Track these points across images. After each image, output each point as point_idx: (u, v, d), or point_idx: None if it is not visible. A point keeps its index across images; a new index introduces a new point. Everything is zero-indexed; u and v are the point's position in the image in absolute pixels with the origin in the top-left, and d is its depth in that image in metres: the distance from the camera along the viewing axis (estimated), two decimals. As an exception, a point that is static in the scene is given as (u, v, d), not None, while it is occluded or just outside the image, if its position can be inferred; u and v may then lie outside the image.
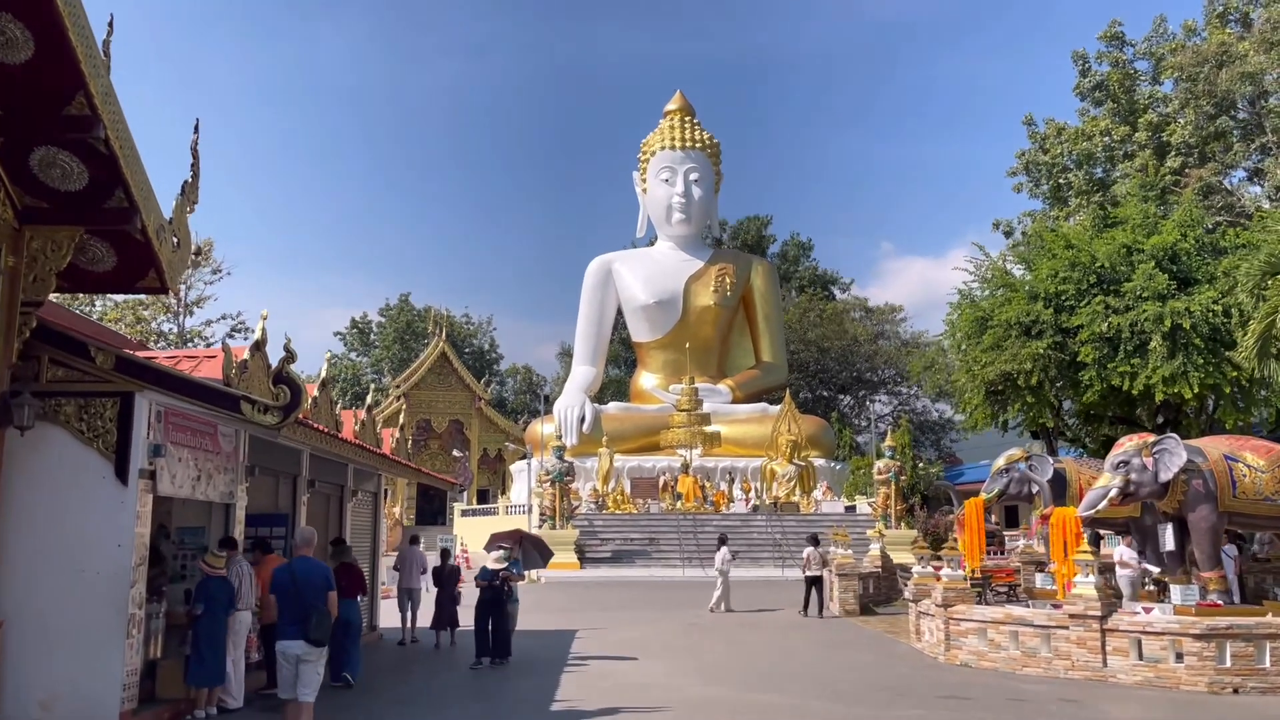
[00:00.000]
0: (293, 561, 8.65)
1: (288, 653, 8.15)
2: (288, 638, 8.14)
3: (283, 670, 8.25)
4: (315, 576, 8.35)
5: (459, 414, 59.77)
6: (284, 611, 8.20)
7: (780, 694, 11.92)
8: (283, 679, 8.28)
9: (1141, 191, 24.95)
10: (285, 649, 8.17)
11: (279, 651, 8.27)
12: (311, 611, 8.05)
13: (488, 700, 11.77)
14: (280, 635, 8.23)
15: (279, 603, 8.25)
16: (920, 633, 16.43)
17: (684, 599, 25.29)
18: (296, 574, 8.30)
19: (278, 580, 8.44)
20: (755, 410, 46.35)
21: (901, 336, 63.29)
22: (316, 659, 8.22)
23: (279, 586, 8.33)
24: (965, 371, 24.43)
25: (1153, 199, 24.79)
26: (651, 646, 16.70)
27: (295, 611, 8.11)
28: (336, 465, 15.82)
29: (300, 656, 8.11)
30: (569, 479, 34.30)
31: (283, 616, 8.23)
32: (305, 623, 8.02)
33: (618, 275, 51.88)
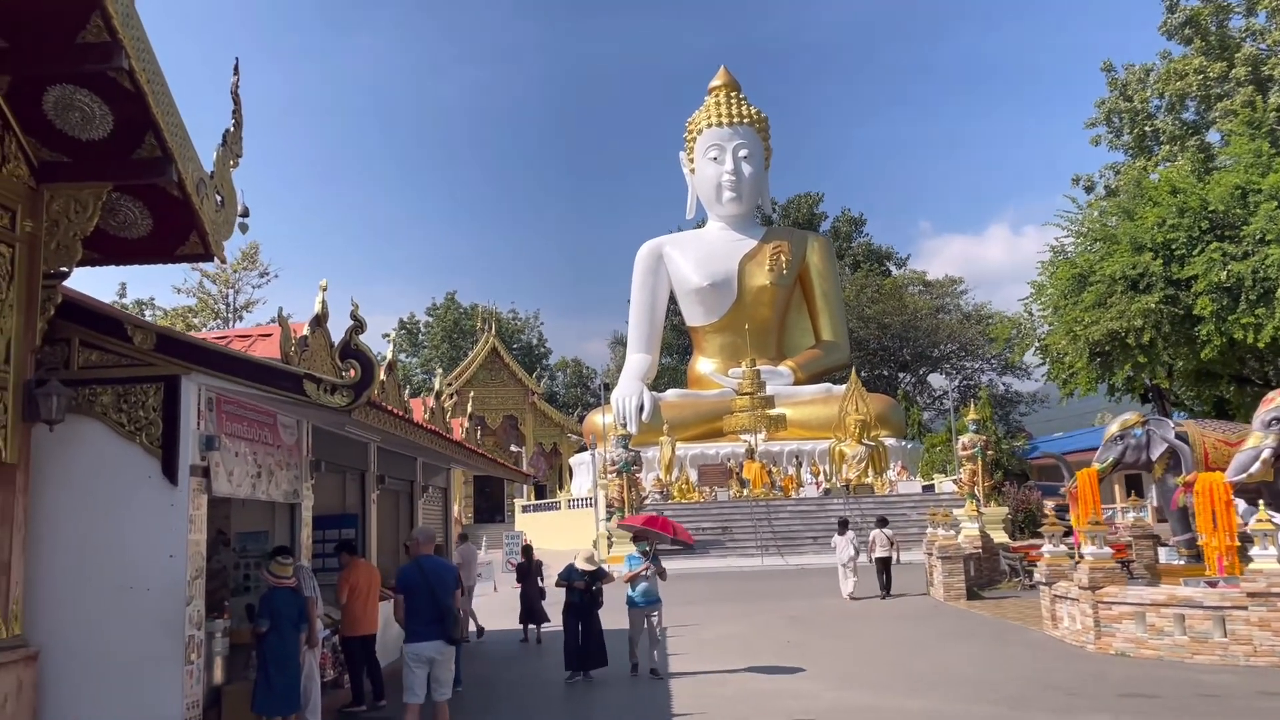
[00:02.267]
0: (419, 560, 8.18)
1: (421, 654, 7.88)
2: (423, 639, 7.86)
3: (412, 673, 7.92)
4: (446, 574, 8.12)
5: (512, 409, 58.60)
6: (417, 612, 7.88)
7: (933, 698, 10.33)
8: (412, 681, 7.93)
9: (1247, 130, 22.85)
10: (419, 651, 7.88)
11: (409, 654, 7.92)
12: (446, 611, 7.84)
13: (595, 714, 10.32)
14: (413, 637, 7.90)
15: (409, 603, 7.90)
16: (1057, 619, 14.72)
17: (769, 590, 23.72)
18: (427, 572, 7.97)
19: (408, 580, 8.01)
20: (820, 391, 44.54)
21: (963, 309, 60.99)
22: (449, 658, 8.02)
23: (409, 586, 7.94)
24: (1065, 333, 22.50)
25: (1262, 136, 22.68)
26: (757, 644, 15.16)
27: (430, 611, 7.84)
28: (405, 460, 14.49)
29: (434, 658, 7.90)
30: (636, 468, 32.84)
31: (415, 617, 7.90)
32: (442, 622, 7.81)
33: (669, 259, 50.25)
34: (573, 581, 12.65)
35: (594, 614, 12.66)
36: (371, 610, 11.12)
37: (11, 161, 7.33)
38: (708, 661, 13.49)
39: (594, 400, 66.63)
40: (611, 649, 12.92)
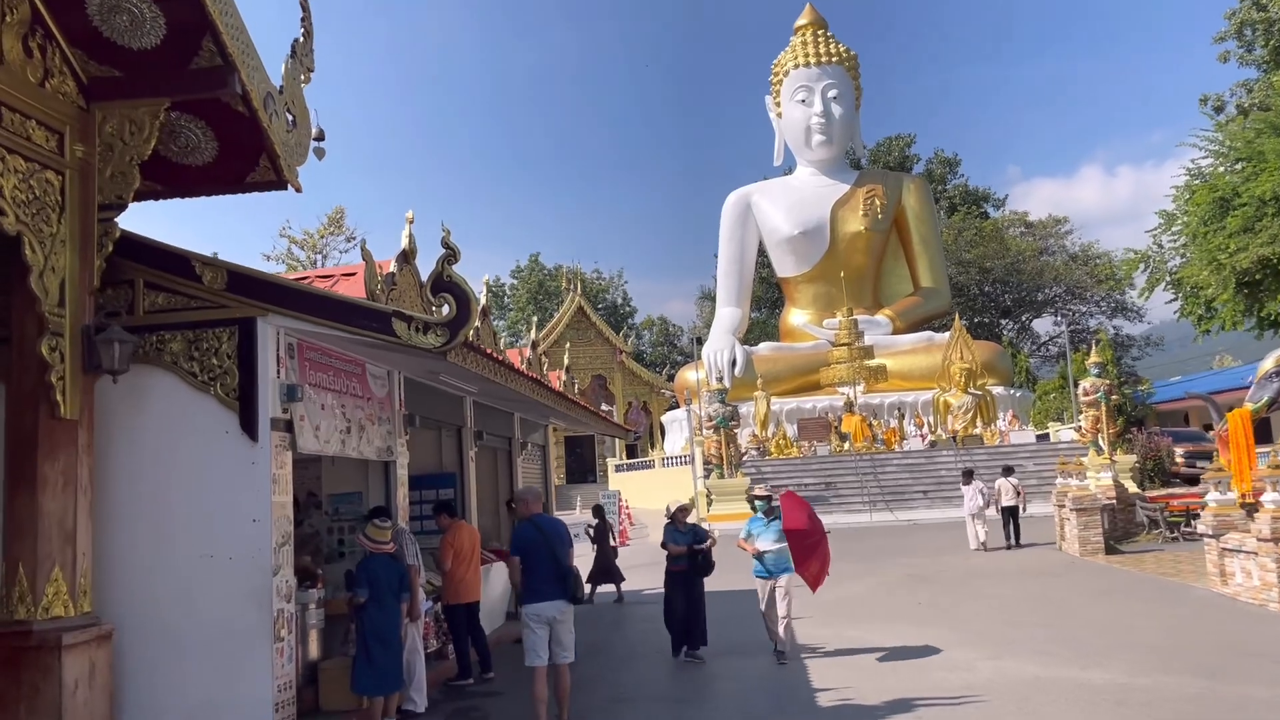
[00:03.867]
0: (535, 518, 7.74)
1: (543, 615, 7.48)
2: (545, 598, 7.47)
3: (534, 635, 7.51)
4: (564, 532, 7.78)
5: (600, 369, 57.83)
6: (535, 570, 7.51)
7: (1112, 669, 9.00)
8: (534, 643, 7.51)
9: None
10: (540, 611, 7.47)
11: (530, 614, 7.50)
12: (566, 570, 7.54)
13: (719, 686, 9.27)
14: (534, 597, 7.49)
15: (527, 563, 7.52)
16: (1227, 575, 13.15)
17: (883, 546, 22.41)
18: (545, 530, 7.59)
19: (525, 538, 7.60)
20: (920, 340, 42.59)
21: (1068, 250, 57.92)
22: (570, 618, 7.65)
23: (527, 545, 7.55)
24: (1207, 263, 20.45)
25: None
26: (884, 606, 13.95)
27: (551, 570, 7.48)
28: (502, 415, 13.58)
29: (556, 618, 7.53)
30: (734, 424, 31.65)
31: (535, 575, 7.51)
32: (564, 581, 7.50)
33: (757, 208, 48.53)
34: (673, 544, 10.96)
35: (697, 582, 10.95)
36: (475, 575, 10.24)
37: (56, 76, 6.44)
38: (835, 626, 12.34)
39: (682, 358, 65.57)
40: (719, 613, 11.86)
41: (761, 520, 10.66)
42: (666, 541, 11.01)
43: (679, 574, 10.92)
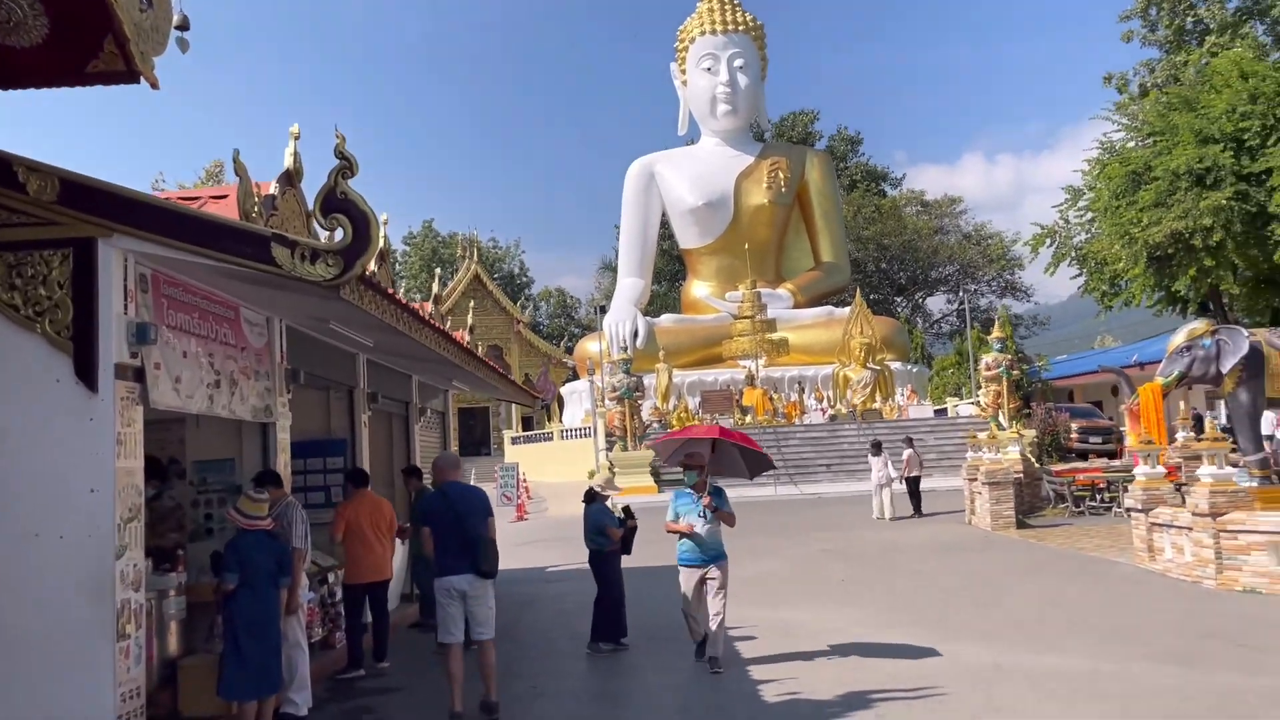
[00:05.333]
0: (444, 487, 7.32)
1: (452, 588, 7.09)
2: (453, 572, 7.08)
3: (444, 610, 7.13)
4: (476, 501, 7.32)
5: (497, 339, 56.12)
6: (442, 542, 7.11)
7: (1074, 654, 8.35)
8: (445, 618, 7.13)
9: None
10: (449, 584, 7.09)
11: (439, 588, 7.14)
12: (478, 540, 7.08)
13: (649, 676, 8.29)
14: (442, 570, 7.11)
15: (435, 534, 7.14)
16: (1156, 550, 12.83)
17: (793, 520, 21.85)
18: (452, 499, 7.20)
19: (431, 509, 7.26)
20: (821, 314, 42.43)
21: (963, 230, 58.84)
22: (485, 593, 7.20)
23: (433, 516, 7.18)
24: (1119, 236, 20.36)
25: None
26: (807, 584, 13.23)
27: (458, 541, 7.07)
28: (399, 377, 12.26)
29: (466, 591, 7.09)
30: (639, 395, 30.77)
31: (441, 547, 7.12)
32: (473, 552, 7.05)
33: (661, 177, 47.50)
34: (613, 528, 9.61)
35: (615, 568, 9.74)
36: (376, 553, 9.03)
37: None
38: (764, 606, 11.50)
39: (580, 330, 64.36)
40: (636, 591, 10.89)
41: (690, 496, 8.77)
42: (605, 525, 9.62)
43: (612, 555, 9.78)
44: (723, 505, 8.66)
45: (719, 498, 8.67)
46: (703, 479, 8.77)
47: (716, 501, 8.62)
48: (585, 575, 14.84)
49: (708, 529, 8.60)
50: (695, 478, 8.81)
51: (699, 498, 8.62)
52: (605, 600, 9.59)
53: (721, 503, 8.66)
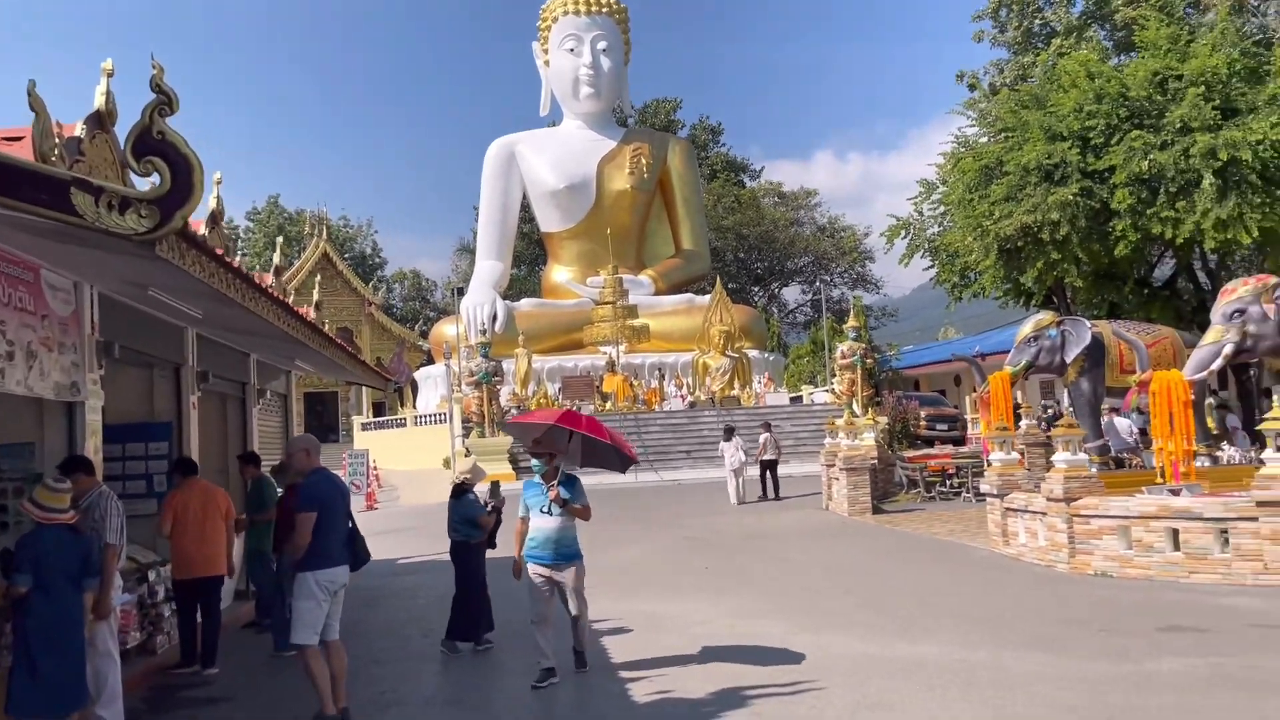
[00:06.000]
0: (321, 472, 6.72)
1: (335, 581, 6.54)
2: (337, 563, 6.54)
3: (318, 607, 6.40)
4: (345, 487, 6.95)
5: (347, 321, 53.95)
6: (330, 531, 6.48)
7: (942, 642, 8.23)
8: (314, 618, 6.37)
9: (1160, 14, 21.61)
10: (334, 577, 6.51)
11: (321, 582, 6.40)
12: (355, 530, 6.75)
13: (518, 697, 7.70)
14: (326, 561, 6.45)
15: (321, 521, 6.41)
16: (1010, 535, 13.06)
17: (653, 507, 21.61)
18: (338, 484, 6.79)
19: (322, 493, 6.55)
20: (682, 301, 42.45)
21: (818, 222, 60.19)
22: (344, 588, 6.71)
23: (324, 502, 6.49)
24: (972, 229, 20.90)
25: (1173, 21, 21.49)
26: (673, 575, 12.88)
27: (344, 530, 6.64)
28: (235, 355, 11.21)
29: (344, 585, 6.67)
30: (497, 380, 29.93)
31: (329, 536, 6.47)
32: (354, 544, 6.71)
33: (522, 158, 46.46)
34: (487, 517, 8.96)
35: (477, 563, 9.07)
36: (208, 546, 8.12)
37: None
38: (627, 599, 11.08)
39: (435, 314, 62.67)
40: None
41: (539, 486, 7.63)
42: (475, 515, 8.88)
43: (478, 548, 9.10)
44: (575, 498, 7.59)
45: (571, 489, 7.61)
46: (553, 467, 7.67)
47: (567, 493, 7.55)
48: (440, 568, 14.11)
49: (558, 524, 7.54)
50: (544, 466, 7.70)
51: (546, 489, 7.57)
52: (468, 596, 8.92)
53: (574, 495, 7.60)
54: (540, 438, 7.87)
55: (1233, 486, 13.06)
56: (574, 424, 7.77)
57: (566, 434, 7.91)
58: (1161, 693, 6.53)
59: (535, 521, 7.57)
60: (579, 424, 7.74)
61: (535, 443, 7.86)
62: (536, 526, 7.55)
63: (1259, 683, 6.60)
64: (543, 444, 7.83)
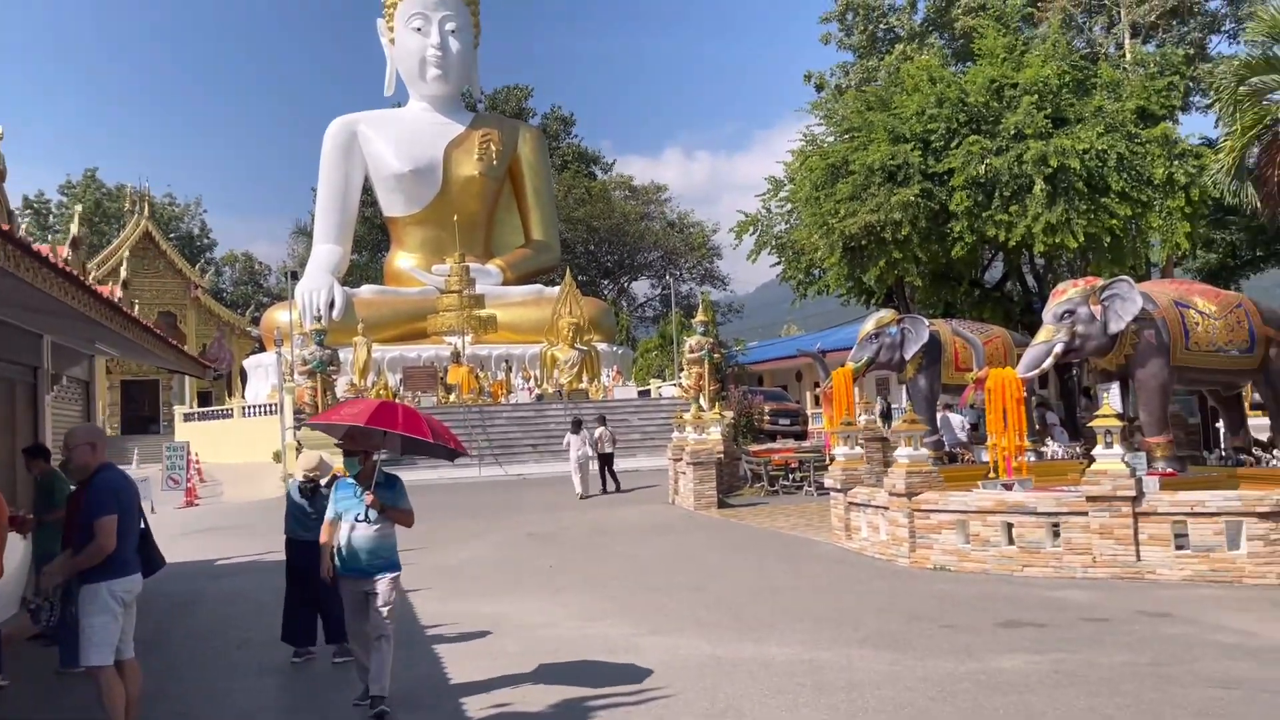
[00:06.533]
0: (112, 468, 5.94)
1: (132, 591, 5.86)
2: (132, 571, 5.85)
3: (115, 621, 5.68)
4: (137, 488, 6.22)
5: (170, 304, 50.72)
6: (128, 535, 5.77)
7: (787, 642, 8.02)
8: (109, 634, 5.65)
9: (997, 24, 22.44)
10: (131, 587, 5.83)
11: (118, 592, 5.71)
12: (148, 532, 6.05)
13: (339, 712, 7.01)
14: (123, 569, 5.75)
15: (122, 523, 5.68)
16: (853, 529, 13.12)
17: (497, 503, 20.97)
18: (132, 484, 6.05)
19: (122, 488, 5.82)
20: (531, 292, 41.75)
21: (667, 217, 60.52)
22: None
23: (124, 499, 5.76)
24: (819, 226, 21.17)
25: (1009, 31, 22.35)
26: (512, 571, 12.35)
27: (139, 535, 5.96)
28: (24, 336, 9.97)
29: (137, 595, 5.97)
30: (333, 369, 28.53)
31: (126, 541, 5.75)
32: (149, 550, 6.04)
33: (365, 139, 44.61)
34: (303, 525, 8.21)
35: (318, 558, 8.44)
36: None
37: None
38: (464, 599, 10.49)
39: (269, 300, 59.69)
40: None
41: (352, 488, 6.68)
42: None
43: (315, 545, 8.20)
44: (396, 501, 6.67)
45: (390, 491, 6.68)
46: (368, 467, 6.71)
47: (386, 497, 6.60)
48: (264, 570, 13.18)
49: (375, 532, 6.55)
50: (357, 466, 6.68)
51: (362, 492, 6.59)
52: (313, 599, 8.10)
53: (394, 497, 6.67)
54: (353, 432, 6.71)
55: (1058, 481, 13.60)
56: (389, 423, 6.57)
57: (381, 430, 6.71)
58: (1007, 692, 6.47)
59: (347, 530, 6.56)
60: (395, 422, 6.57)
61: (348, 438, 6.73)
62: (349, 535, 6.54)
63: (1099, 680, 6.63)
64: (357, 440, 6.72)
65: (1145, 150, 19.85)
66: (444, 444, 6.82)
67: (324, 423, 7.03)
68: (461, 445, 6.99)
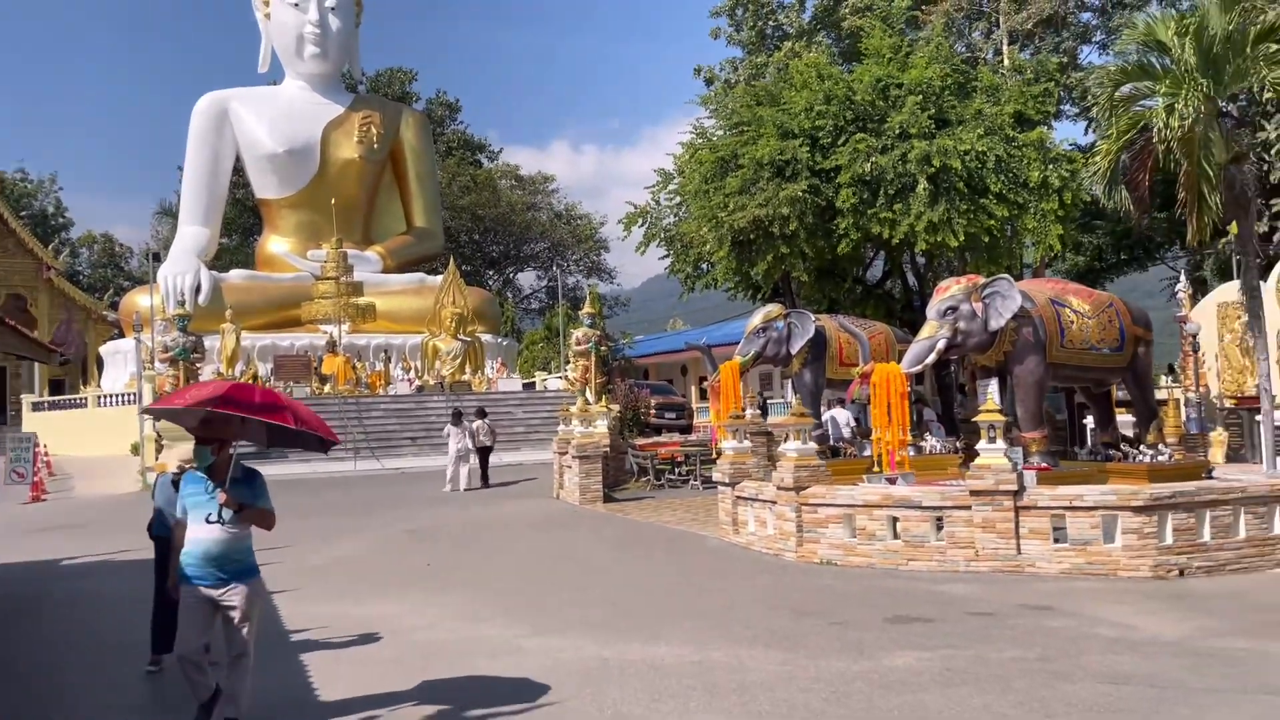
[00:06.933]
0: None
1: None
2: None
3: None
4: None
5: (19, 286, 47.39)
6: None
7: (676, 642, 7.74)
8: None
9: (884, 25, 22.75)
10: None
11: None
12: None
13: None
14: None
15: None
16: (740, 523, 12.98)
17: (373, 498, 20.18)
18: None
19: None
20: (412, 281, 40.57)
21: (555, 208, 59.88)
22: None
23: None
24: (707, 220, 21.03)
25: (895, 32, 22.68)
26: (392, 572, 11.77)
27: None
28: None
29: None
30: (198, 357, 27.02)
31: None
32: None
33: (236, 117, 42.48)
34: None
35: None
36: None
37: None
38: (337, 600, 9.88)
39: (130, 284, 56.55)
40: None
41: (203, 483, 5.81)
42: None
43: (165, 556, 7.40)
44: (255, 499, 5.86)
45: (248, 488, 5.87)
46: (223, 459, 5.87)
47: (243, 494, 5.79)
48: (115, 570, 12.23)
49: (228, 535, 5.74)
50: (210, 458, 5.86)
51: (214, 488, 5.75)
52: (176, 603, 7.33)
53: (252, 495, 5.86)
54: (210, 418, 5.81)
55: (937, 475, 13.77)
56: (243, 406, 5.67)
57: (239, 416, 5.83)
58: (901, 691, 6.34)
59: (196, 530, 5.73)
60: (251, 405, 5.68)
61: (204, 424, 5.87)
62: (197, 537, 5.71)
63: (991, 678, 6.56)
64: (212, 428, 5.87)
65: (1022, 154, 20.37)
66: (312, 432, 6.05)
67: (163, 408, 6.20)
68: (333, 434, 6.30)
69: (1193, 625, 7.88)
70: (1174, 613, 8.36)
